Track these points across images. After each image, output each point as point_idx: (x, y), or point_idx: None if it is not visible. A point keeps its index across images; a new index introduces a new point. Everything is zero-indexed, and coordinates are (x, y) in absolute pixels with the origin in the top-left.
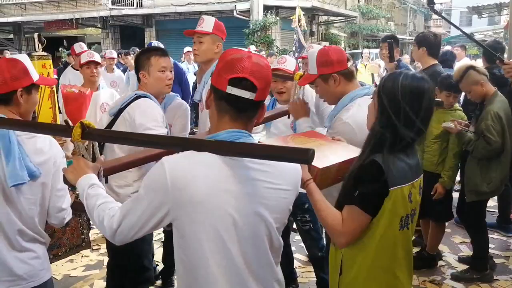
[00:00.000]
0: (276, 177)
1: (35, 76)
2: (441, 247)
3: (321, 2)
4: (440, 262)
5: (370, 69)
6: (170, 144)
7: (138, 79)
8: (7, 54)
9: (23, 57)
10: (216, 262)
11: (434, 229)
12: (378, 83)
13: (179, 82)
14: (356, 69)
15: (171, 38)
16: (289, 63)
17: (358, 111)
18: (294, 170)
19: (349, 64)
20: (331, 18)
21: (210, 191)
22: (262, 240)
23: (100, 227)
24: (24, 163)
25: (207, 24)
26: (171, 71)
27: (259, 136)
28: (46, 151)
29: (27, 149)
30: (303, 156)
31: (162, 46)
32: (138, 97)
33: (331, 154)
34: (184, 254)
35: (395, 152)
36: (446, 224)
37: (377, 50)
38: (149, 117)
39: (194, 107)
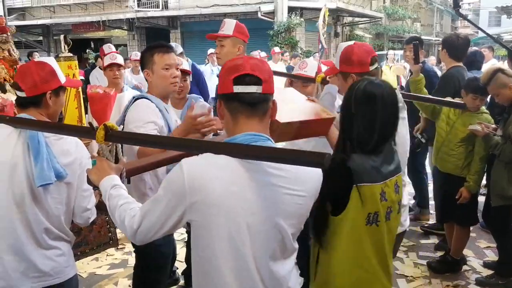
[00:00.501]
0: (293, 183)
1: (62, 79)
2: (466, 251)
3: (346, 3)
4: (465, 267)
5: (395, 71)
6: (190, 147)
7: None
8: (36, 56)
9: (50, 60)
10: (228, 265)
11: (458, 233)
12: (403, 85)
13: (197, 84)
14: (381, 71)
15: (195, 39)
16: (310, 68)
17: None
18: (312, 176)
19: (373, 67)
20: (356, 19)
21: (226, 194)
22: (275, 245)
23: (121, 227)
24: (51, 164)
25: (228, 27)
26: (177, 69)
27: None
28: (73, 152)
29: (55, 150)
30: (319, 160)
31: (180, 48)
32: (136, 99)
33: (298, 112)
34: (198, 254)
35: (366, 153)
36: (471, 228)
37: (403, 52)
38: (134, 118)
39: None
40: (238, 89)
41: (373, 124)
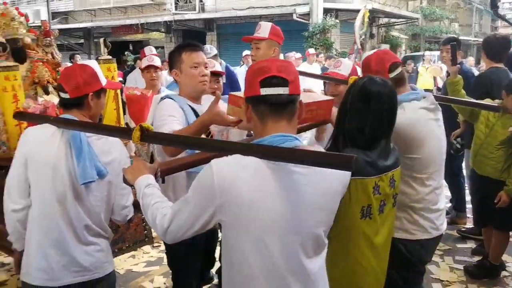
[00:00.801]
0: (319, 180)
1: (103, 81)
2: (505, 257)
3: (382, 4)
4: (504, 273)
5: (431, 72)
6: (220, 148)
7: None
8: (78, 58)
9: (92, 63)
10: (257, 264)
11: (497, 238)
12: (440, 86)
13: (230, 85)
14: (417, 72)
15: (231, 41)
16: (344, 67)
17: (402, 115)
18: (339, 173)
19: (394, 74)
20: (392, 20)
21: (255, 195)
22: (306, 244)
23: (153, 225)
24: (93, 163)
25: (263, 30)
26: (206, 67)
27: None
28: (113, 152)
29: (96, 149)
30: (346, 162)
31: (215, 50)
32: (162, 99)
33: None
34: (228, 254)
35: (359, 148)
36: (511, 233)
37: (439, 53)
38: (157, 116)
39: None
40: (265, 91)
41: (365, 121)
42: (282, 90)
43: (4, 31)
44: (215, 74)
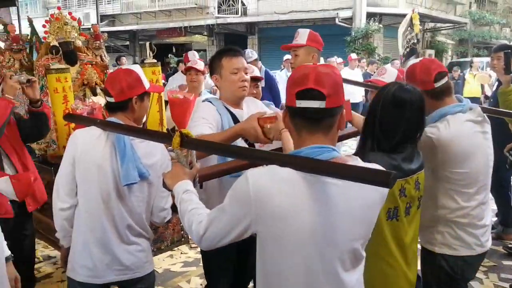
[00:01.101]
0: (357, 193)
1: (146, 84)
2: None
3: (428, 8)
4: None
5: (479, 79)
6: (257, 158)
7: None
8: (124, 60)
9: (136, 67)
10: (294, 279)
11: None
12: (488, 94)
13: (270, 89)
14: (464, 79)
15: (272, 45)
16: (389, 75)
17: (446, 129)
18: (376, 187)
19: (440, 83)
20: (438, 25)
21: (291, 207)
22: (344, 257)
23: (189, 231)
24: (135, 165)
25: (302, 36)
26: (246, 73)
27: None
28: (155, 155)
29: (139, 152)
30: (384, 179)
31: (255, 55)
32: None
33: None
34: (263, 265)
35: (384, 152)
36: None
37: (488, 59)
38: (191, 118)
39: None
40: (300, 103)
41: (396, 127)
42: (318, 104)
43: (57, 34)
44: (254, 79)
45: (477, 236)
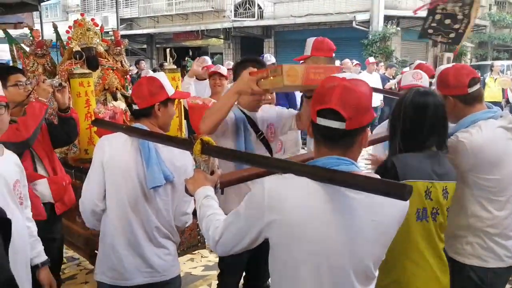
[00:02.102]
0: (373, 208)
1: (170, 91)
2: None
3: None
4: None
5: (500, 83)
6: (274, 166)
7: None
8: (143, 64)
9: (160, 75)
10: (303, 285)
11: None
12: (510, 99)
13: (285, 94)
14: (484, 83)
15: (289, 48)
16: (426, 80)
17: (478, 134)
18: (394, 202)
19: (473, 89)
20: None
21: (304, 217)
22: (354, 274)
23: (206, 236)
24: (160, 168)
25: (307, 47)
26: None
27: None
28: (179, 159)
29: (163, 156)
30: (399, 191)
31: (273, 58)
32: None
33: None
34: (276, 274)
35: (413, 152)
36: None
37: (510, 62)
38: None
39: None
40: (320, 121)
41: (419, 128)
42: (338, 125)
43: (80, 40)
44: None
45: (508, 247)
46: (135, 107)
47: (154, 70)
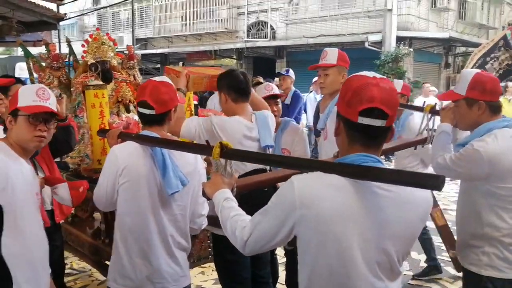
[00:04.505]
0: (401, 205)
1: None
2: None
3: (460, 33)
4: None
5: None
6: (301, 166)
7: None
8: None
9: (166, 78)
10: (334, 282)
11: None
12: None
13: (286, 105)
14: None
15: (300, 68)
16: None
17: (494, 143)
18: (419, 198)
19: (499, 98)
20: (470, 49)
21: (335, 213)
22: (381, 269)
23: (231, 238)
24: (176, 173)
25: (331, 56)
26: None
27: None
28: (192, 163)
29: (177, 161)
30: (434, 182)
31: (292, 73)
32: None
33: None
34: (304, 269)
35: None
36: None
37: None
38: None
39: (315, 134)
40: (363, 120)
41: None
42: (380, 123)
43: (95, 53)
44: (274, 97)
45: None
46: (149, 112)
47: None
